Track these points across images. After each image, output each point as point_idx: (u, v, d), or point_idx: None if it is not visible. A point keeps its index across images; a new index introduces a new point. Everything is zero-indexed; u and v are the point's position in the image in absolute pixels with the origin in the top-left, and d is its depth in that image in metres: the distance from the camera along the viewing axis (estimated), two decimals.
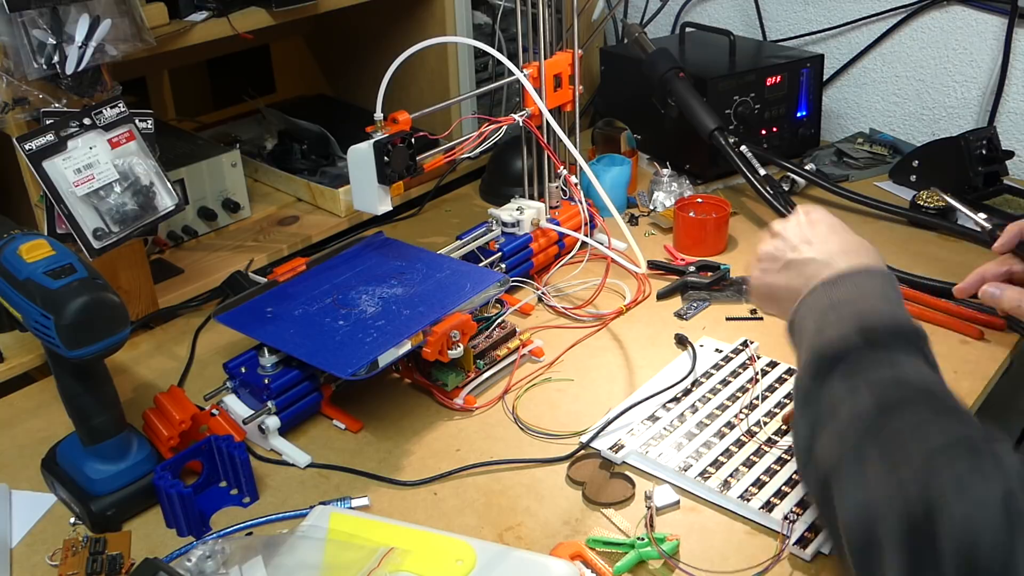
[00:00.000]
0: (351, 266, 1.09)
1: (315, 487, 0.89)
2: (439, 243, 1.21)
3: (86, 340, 0.77)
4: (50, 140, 0.97)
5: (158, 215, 1.05)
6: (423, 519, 0.84)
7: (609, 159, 1.43)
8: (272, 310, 1.01)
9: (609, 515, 0.83)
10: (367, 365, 0.90)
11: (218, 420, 0.94)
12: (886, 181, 1.48)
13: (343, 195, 1.38)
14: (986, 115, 1.49)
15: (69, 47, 0.95)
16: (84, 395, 0.83)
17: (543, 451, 0.92)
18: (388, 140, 1.03)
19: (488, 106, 1.62)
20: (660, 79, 1.40)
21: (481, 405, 1.00)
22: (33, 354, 1.08)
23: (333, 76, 1.76)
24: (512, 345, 1.05)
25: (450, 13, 1.45)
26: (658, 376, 1.03)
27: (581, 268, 1.25)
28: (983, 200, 1.36)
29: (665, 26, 1.84)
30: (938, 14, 1.51)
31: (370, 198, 1.06)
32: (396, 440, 0.95)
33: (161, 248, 1.30)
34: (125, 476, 0.85)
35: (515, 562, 0.76)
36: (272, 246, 1.32)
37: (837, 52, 1.65)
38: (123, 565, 0.80)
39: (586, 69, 1.61)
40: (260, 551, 0.77)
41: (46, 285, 0.76)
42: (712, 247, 1.29)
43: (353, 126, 1.15)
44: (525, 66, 1.18)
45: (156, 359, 1.12)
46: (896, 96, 1.61)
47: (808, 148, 1.58)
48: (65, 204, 0.98)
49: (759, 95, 1.48)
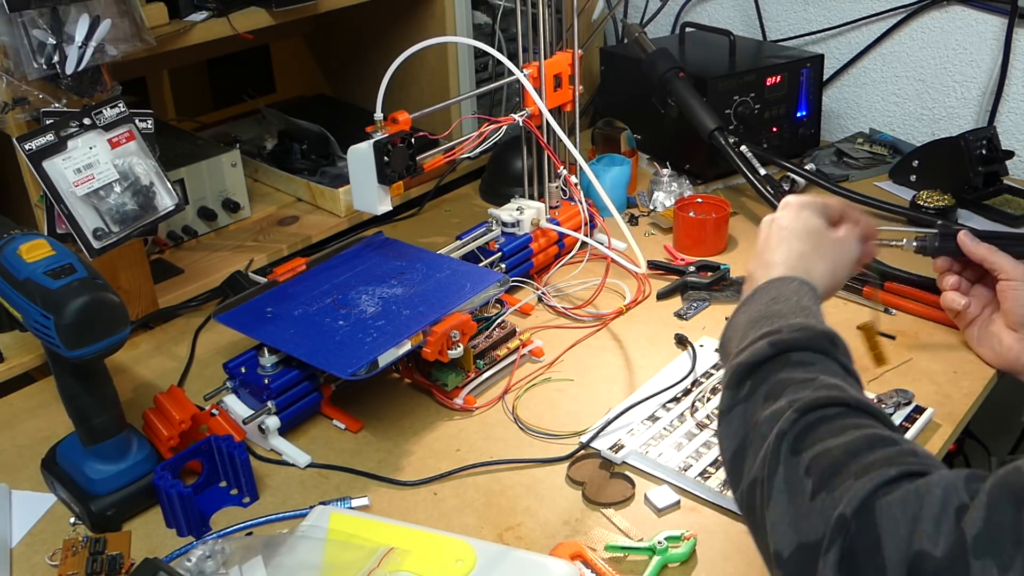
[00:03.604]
0: (351, 266, 1.09)
1: (315, 487, 0.89)
2: (439, 243, 1.21)
3: (86, 340, 0.77)
4: (50, 140, 0.97)
5: (158, 215, 1.05)
6: (423, 519, 0.84)
7: (609, 159, 1.43)
8: (272, 310, 1.01)
9: (609, 515, 0.83)
10: (367, 365, 0.90)
11: (218, 420, 0.94)
12: (886, 181, 1.48)
13: (343, 195, 1.38)
14: (986, 115, 1.49)
15: (69, 47, 0.95)
16: (84, 395, 0.83)
17: (543, 451, 0.92)
18: (388, 140, 1.03)
19: (488, 106, 1.62)
20: (660, 79, 1.40)
21: (481, 405, 1.00)
22: (33, 354, 1.08)
23: (333, 76, 1.76)
24: (512, 345, 1.05)
25: (450, 13, 1.45)
26: (658, 376, 1.03)
27: (581, 268, 1.25)
28: (983, 200, 1.36)
29: (665, 26, 1.84)
30: (938, 14, 1.51)
31: (370, 198, 1.06)
32: (396, 440, 0.95)
33: (161, 248, 1.30)
34: (125, 476, 0.85)
35: (515, 562, 0.76)
36: (272, 246, 1.32)
37: (837, 52, 1.65)
38: (123, 565, 0.80)
39: (586, 69, 1.61)
40: (260, 551, 0.77)
41: (46, 285, 0.76)
42: (712, 247, 1.29)
43: (353, 126, 1.15)
44: (525, 66, 1.18)
45: (156, 359, 1.12)
46: (896, 96, 1.61)
47: (808, 148, 1.58)
48: (65, 204, 0.98)
49: (759, 95, 1.48)
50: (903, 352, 1.03)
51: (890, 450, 0.59)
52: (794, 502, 0.60)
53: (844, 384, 0.65)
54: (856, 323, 1.09)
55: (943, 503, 0.53)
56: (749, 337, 0.70)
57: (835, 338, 0.69)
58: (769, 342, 0.68)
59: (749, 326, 0.72)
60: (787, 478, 0.61)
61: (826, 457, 0.59)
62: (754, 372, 0.68)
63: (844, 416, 0.62)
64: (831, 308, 1.14)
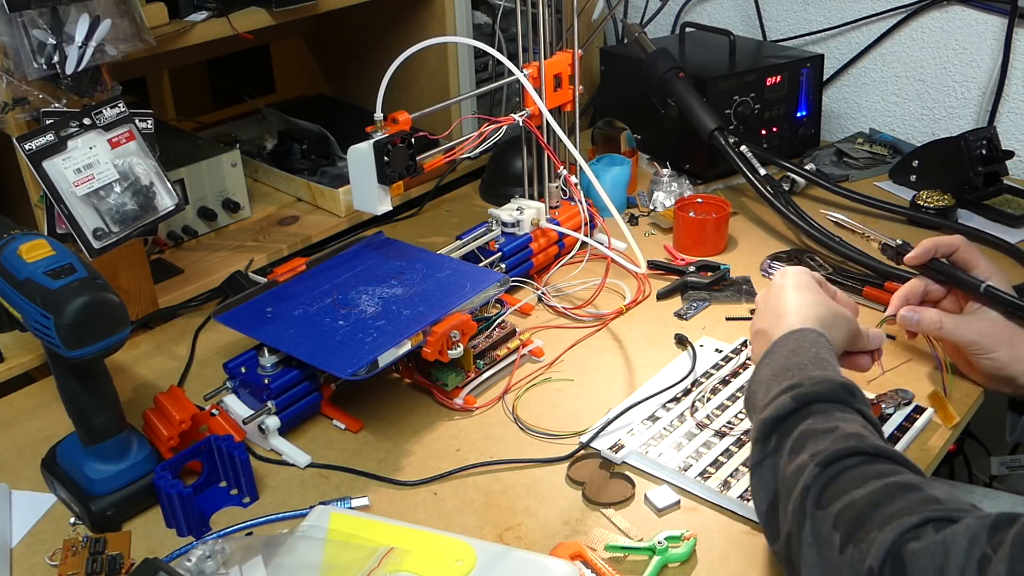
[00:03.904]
0: (351, 266, 1.09)
1: (315, 487, 0.89)
2: (439, 243, 1.21)
3: (86, 340, 0.77)
4: (50, 140, 0.97)
5: (158, 215, 1.05)
6: (423, 519, 0.84)
7: (609, 159, 1.43)
8: (272, 310, 1.01)
9: (609, 515, 0.83)
10: (367, 365, 0.90)
11: (218, 420, 0.94)
12: (886, 181, 1.48)
13: (343, 195, 1.38)
14: (986, 115, 1.49)
15: (69, 47, 0.95)
16: (84, 395, 0.83)
17: (543, 451, 0.92)
18: (388, 140, 1.03)
19: (488, 106, 1.62)
20: (660, 79, 1.40)
21: (481, 405, 1.00)
22: (33, 354, 1.08)
23: (333, 76, 1.76)
24: (512, 345, 1.05)
25: (450, 13, 1.45)
26: (658, 376, 1.03)
27: (581, 268, 1.25)
28: (983, 200, 1.36)
29: (665, 26, 1.84)
30: (938, 14, 1.51)
31: (370, 198, 1.06)
32: (396, 440, 0.95)
33: (161, 248, 1.30)
34: (125, 476, 0.85)
35: (515, 562, 0.76)
36: (272, 246, 1.32)
37: (837, 52, 1.65)
38: (123, 565, 0.80)
39: (586, 69, 1.61)
40: (260, 551, 0.77)
41: (46, 285, 0.76)
42: (712, 247, 1.29)
43: (353, 126, 1.15)
44: (525, 66, 1.18)
45: (156, 359, 1.12)
46: (896, 96, 1.61)
47: (808, 148, 1.58)
48: (65, 204, 0.98)
49: (759, 95, 1.48)
50: (903, 352, 1.03)
51: (911, 497, 0.61)
52: (823, 555, 0.62)
53: (864, 432, 0.68)
54: None
55: (967, 554, 0.55)
56: (772, 391, 0.74)
57: (854, 389, 0.73)
58: (792, 396, 0.71)
59: (772, 380, 0.76)
60: (814, 532, 0.63)
61: (850, 510, 0.62)
62: (779, 426, 0.71)
63: (866, 464, 0.65)
64: None
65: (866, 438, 0.67)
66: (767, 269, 1.23)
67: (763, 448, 0.72)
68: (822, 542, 0.62)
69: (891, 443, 0.89)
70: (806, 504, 0.65)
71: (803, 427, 0.70)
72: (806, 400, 0.71)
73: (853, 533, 0.61)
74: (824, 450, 0.66)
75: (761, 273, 1.23)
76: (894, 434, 0.91)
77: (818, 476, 0.65)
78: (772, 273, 1.22)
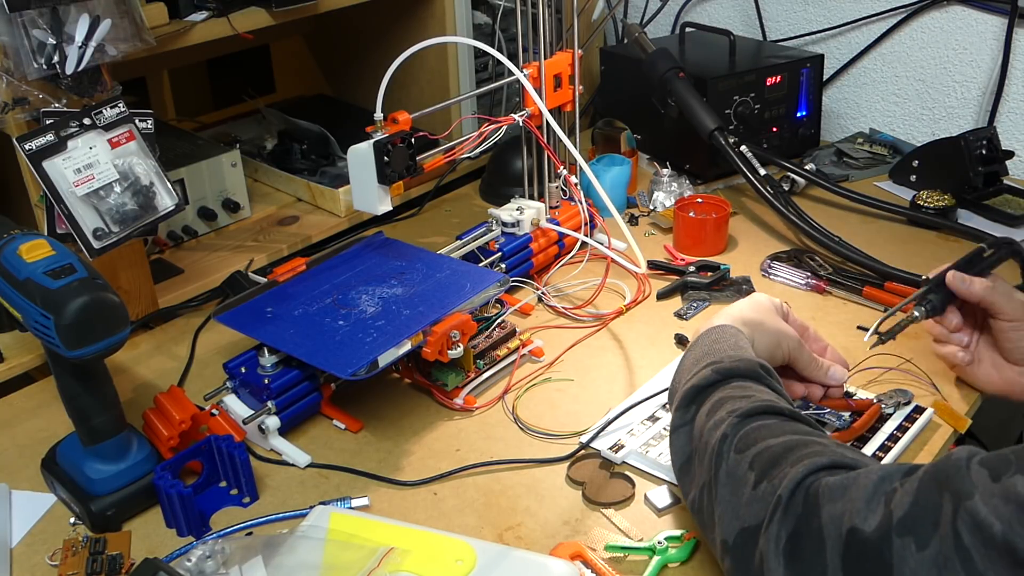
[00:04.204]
0: (351, 266, 1.09)
1: (315, 487, 0.89)
2: (439, 243, 1.21)
3: (86, 340, 0.77)
4: (50, 140, 0.97)
5: (158, 215, 1.05)
6: (423, 519, 0.84)
7: (609, 159, 1.43)
8: (272, 310, 1.01)
9: (609, 515, 0.83)
10: (367, 365, 0.90)
11: (218, 420, 0.94)
12: (886, 181, 1.48)
13: (343, 195, 1.38)
14: (986, 115, 1.49)
15: (69, 47, 0.95)
16: (84, 395, 0.83)
17: (543, 451, 0.92)
18: (388, 140, 1.03)
19: (488, 106, 1.62)
20: (660, 79, 1.40)
21: (481, 405, 1.00)
22: (33, 354, 1.08)
23: (333, 76, 1.76)
24: (512, 345, 1.05)
25: (450, 13, 1.45)
26: (658, 376, 1.03)
27: (581, 268, 1.25)
28: (983, 200, 1.36)
29: (665, 26, 1.84)
30: (938, 14, 1.51)
31: (370, 198, 1.06)
32: (396, 440, 0.95)
33: (161, 248, 1.30)
34: (125, 476, 0.85)
35: (515, 562, 0.76)
36: (272, 246, 1.33)
37: (837, 52, 1.65)
38: (123, 565, 0.80)
39: (586, 69, 1.61)
40: (260, 551, 0.77)
41: (46, 285, 0.76)
42: (712, 247, 1.29)
43: (353, 126, 1.15)
44: (525, 66, 1.18)
45: (156, 359, 1.12)
46: (896, 96, 1.61)
47: (808, 148, 1.58)
48: (65, 204, 0.98)
49: (759, 95, 1.48)
50: (903, 352, 1.03)
51: (824, 444, 0.66)
52: (737, 493, 0.66)
53: (780, 402, 0.73)
54: (856, 323, 1.10)
55: (876, 486, 0.59)
56: (694, 370, 0.79)
57: (768, 368, 0.78)
58: (713, 369, 0.76)
59: (694, 365, 0.80)
60: (730, 473, 0.68)
61: (766, 453, 0.66)
62: (699, 395, 0.76)
63: (782, 422, 0.70)
64: (833, 309, 1.14)
65: (781, 403, 0.72)
66: (767, 269, 1.23)
67: (683, 415, 0.76)
68: (737, 480, 0.66)
69: (891, 443, 0.89)
70: (723, 449, 0.69)
71: (722, 393, 0.74)
72: (727, 374, 0.76)
73: (767, 471, 0.65)
74: (742, 408, 0.71)
75: (761, 273, 1.23)
76: (894, 434, 0.90)
77: (736, 425, 0.69)
78: (772, 273, 1.22)
